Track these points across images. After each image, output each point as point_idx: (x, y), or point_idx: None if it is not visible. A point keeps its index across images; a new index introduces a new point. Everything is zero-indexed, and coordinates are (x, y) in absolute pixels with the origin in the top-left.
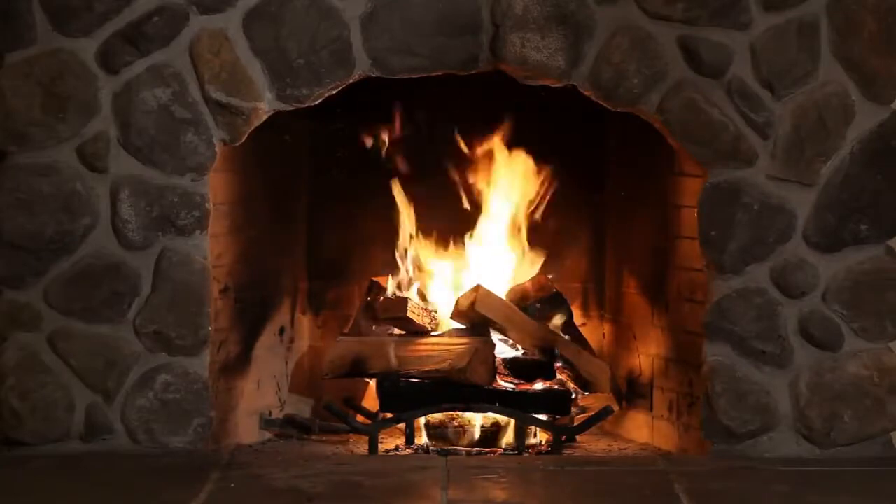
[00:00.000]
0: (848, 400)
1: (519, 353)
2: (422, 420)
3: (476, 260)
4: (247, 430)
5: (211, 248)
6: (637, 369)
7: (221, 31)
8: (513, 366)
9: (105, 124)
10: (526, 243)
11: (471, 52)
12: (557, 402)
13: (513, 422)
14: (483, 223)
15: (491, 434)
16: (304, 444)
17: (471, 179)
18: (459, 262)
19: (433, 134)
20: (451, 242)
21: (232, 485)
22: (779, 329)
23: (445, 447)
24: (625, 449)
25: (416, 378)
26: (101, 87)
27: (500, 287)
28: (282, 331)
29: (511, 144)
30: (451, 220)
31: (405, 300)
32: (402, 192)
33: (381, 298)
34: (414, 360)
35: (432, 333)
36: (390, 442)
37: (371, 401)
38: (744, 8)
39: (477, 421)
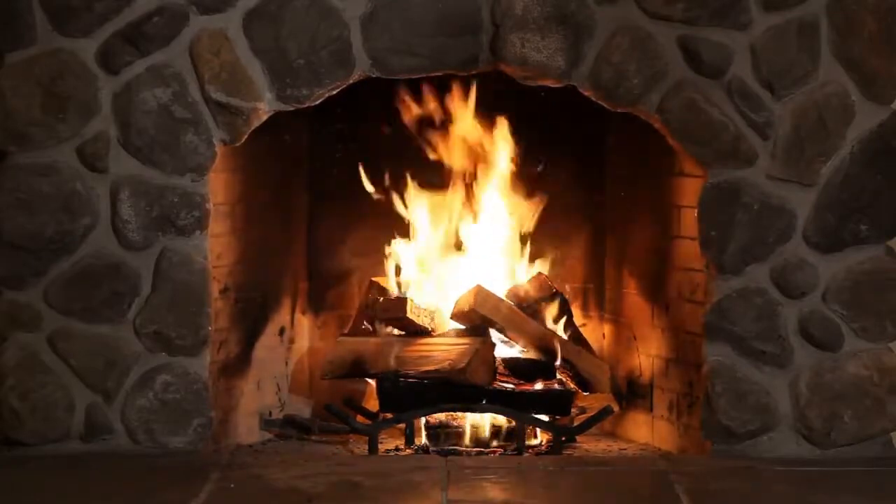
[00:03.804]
0: (848, 400)
1: (519, 353)
2: (422, 420)
3: (476, 260)
4: (247, 430)
5: (211, 248)
6: (637, 369)
7: (221, 31)
8: (513, 366)
9: (105, 124)
10: (526, 243)
11: (471, 52)
12: (558, 402)
13: (512, 422)
14: (483, 223)
15: (491, 434)
16: (304, 445)
17: (470, 179)
18: (459, 262)
19: (432, 133)
20: (451, 243)
21: (232, 485)
22: (779, 329)
23: (445, 447)
24: (625, 449)
25: (416, 378)
26: (101, 87)
27: (500, 287)
28: (282, 331)
29: (511, 144)
30: (450, 221)
31: (405, 300)
32: (400, 192)
33: (381, 299)
34: (414, 361)
35: (432, 334)
36: (390, 442)
37: (371, 401)
38: (744, 8)
39: (477, 421)
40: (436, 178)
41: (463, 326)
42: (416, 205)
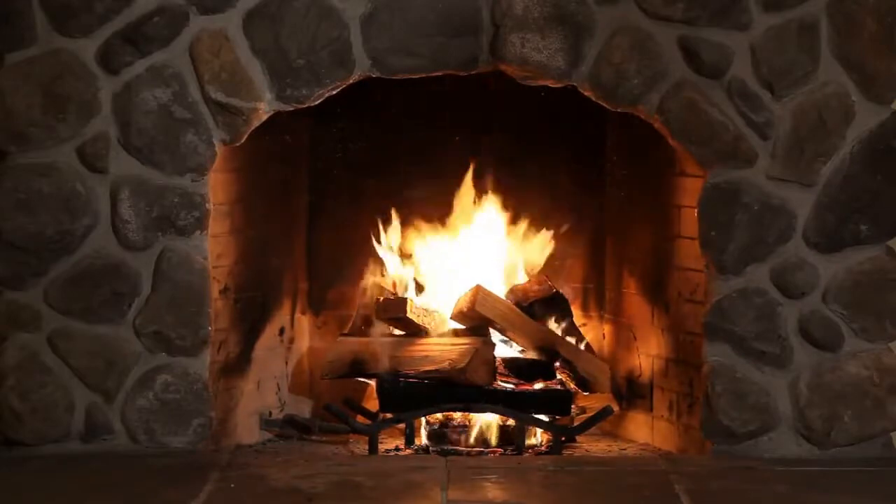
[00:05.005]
0: (848, 400)
1: (519, 353)
2: (422, 420)
3: (476, 260)
4: (247, 430)
5: (211, 249)
6: (637, 369)
7: (221, 32)
8: (513, 366)
9: (105, 124)
10: (526, 243)
11: (471, 53)
12: (557, 402)
13: (511, 422)
14: (483, 223)
15: (491, 434)
16: (304, 445)
17: (470, 179)
18: (459, 262)
19: (432, 134)
20: (451, 243)
21: (232, 485)
22: (779, 329)
23: (445, 447)
24: (625, 449)
25: (416, 378)
26: (101, 87)
27: (500, 287)
28: (282, 331)
29: (511, 145)
30: (452, 221)
31: (405, 300)
32: (401, 193)
33: (381, 299)
34: (414, 361)
35: (432, 334)
36: (390, 442)
37: (371, 401)
38: (744, 8)
39: (477, 421)
40: (436, 177)
41: (463, 326)
42: (415, 205)
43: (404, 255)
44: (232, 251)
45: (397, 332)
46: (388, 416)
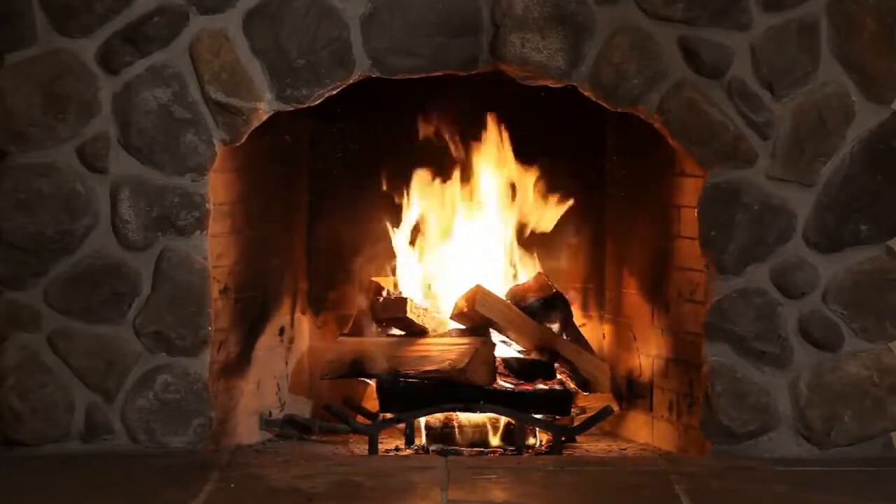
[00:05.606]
0: (848, 400)
1: (519, 353)
2: (422, 420)
3: (476, 260)
4: (247, 430)
5: (211, 249)
6: (637, 369)
7: (221, 32)
8: (513, 366)
9: (105, 124)
10: (526, 243)
11: (471, 53)
12: (558, 402)
13: (511, 422)
14: (483, 223)
15: (491, 434)
16: (304, 445)
17: (471, 180)
18: (459, 262)
19: (431, 133)
20: (451, 243)
21: (232, 485)
22: (779, 329)
23: (445, 447)
24: (625, 449)
25: (416, 378)
26: (101, 87)
27: (500, 287)
28: (282, 331)
29: (511, 144)
30: (452, 221)
31: (405, 300)
32: (401, 193)
33: (381, 298)
34: (414, 361)
35: (432, 334)
36: (390, 442)
37: (371, 401)
38: (744, 8)
39: (477, 421)
40: (436, 177)
41: (463, 326)
42: (415, 205)
43: (406, 256)
44: (232, 251)
45: (397, 331)
46: (388, 416)
